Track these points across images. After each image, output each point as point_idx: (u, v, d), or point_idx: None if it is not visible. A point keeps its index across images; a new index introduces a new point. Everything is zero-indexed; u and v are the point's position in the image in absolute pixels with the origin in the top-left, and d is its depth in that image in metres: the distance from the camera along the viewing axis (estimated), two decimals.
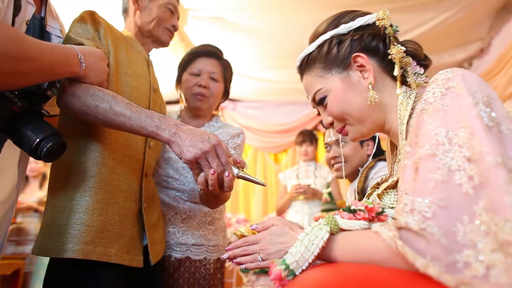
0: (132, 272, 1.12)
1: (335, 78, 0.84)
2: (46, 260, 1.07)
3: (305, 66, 0.90)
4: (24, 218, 3.42)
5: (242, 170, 0.97)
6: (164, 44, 1.37)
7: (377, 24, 0.83)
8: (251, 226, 0.84)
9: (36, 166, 3.65)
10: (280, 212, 3.15)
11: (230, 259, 0.82)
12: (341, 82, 0.83)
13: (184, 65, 1.51)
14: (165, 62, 3.40)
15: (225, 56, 1.57)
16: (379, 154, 1.59)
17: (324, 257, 0.69)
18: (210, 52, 1.50)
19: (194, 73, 1.46)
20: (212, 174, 0.91)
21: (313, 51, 0.87)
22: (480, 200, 0.53)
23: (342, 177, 1.67)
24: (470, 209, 0.53)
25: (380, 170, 1.40)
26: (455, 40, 3.51)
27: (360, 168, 1.58)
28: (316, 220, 0.73)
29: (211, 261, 1.41)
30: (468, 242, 0.51)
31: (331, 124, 0.88)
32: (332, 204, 2.79)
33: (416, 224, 0.55)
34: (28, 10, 0.94)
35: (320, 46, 0.86)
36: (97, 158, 1.05)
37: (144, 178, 1.19)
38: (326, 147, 1.76)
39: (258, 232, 0.81)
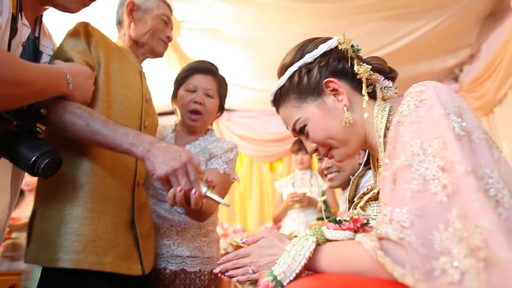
0: (127, 281, 1.12)
1: (311, 106, 0.86)
2: None
3: (279, 99, 0.92)
4: (20, 234, 3.40)
5: (211, 190, 1.00)
6: (159, 55, 1.39)
7: (339, 48, 0.86)
8: (242, 239, 0.86)
9: (31, 180, 3.63)
10: (277, 220, 3.16)
11: (222, 272, 0.83)
12: (318, 109, 0.86)
13: (180, 81, 1.54)
14: (159, 73, 3.43)
15: (219, 67, 1.60)
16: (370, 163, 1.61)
17: (311, 268, 0.70)
18: (206, 69, 1.53)
19: (189, 89, 1.49)
20: (179, 191, 0.95)
21: (284, 84, 0.89)
22: (453, 208, 0.55)
23: (335, 187, 1.69)
24: (445, 217, 0.55)
25: (370, 179, 1.42)
26: (445, 47, 3.56)
27: (351, 176, 1.60)
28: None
29: (206, 273, 1.42)
30: (444, 249, 0.53)
31: (316, 150, 0.90)
32: (328, 212, 2.80)
33: (395, 234, 0.57)
34: (24, 32, 0.97)
35: (291, 78, 0.88)
36: (87, 167, 1.08)
37: (136, 187, 1.21)
38: (318, 158, 1.78)
39: (249, 245, 0.83)
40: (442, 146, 0.60)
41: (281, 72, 0.91)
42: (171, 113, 1.72)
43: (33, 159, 0.90)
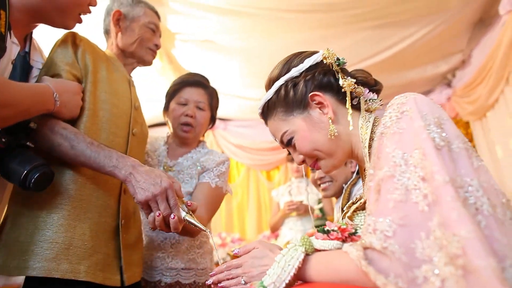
0: None
1: (297, 119, 0.88)
2: None
3: (267, 112, 0.94)
4: None
5: (190, 214, 1.02)
6: (148, 63, 1.40)
7: (324, 62, 0.88)
8: (234, 250, 0.87)
9: None
10: (275, 229, 3.16)
11: (215, 283, 0.84)
12: (304, 122, 0.88)
13: (171, 94, 1.55)
14: (154, 85, 3.45)
15: (214, 77, 1.62)
16: None
17: (301, 277, 0.72)
18: (196, 82, 1.55)
19: (181, 102, 1.50)
20: (158, 216, 0.97)
21: (271, 97, 0.92)
22: (434, 217, 0.57)
23: (329, 197, 1.70)
24: (426, 226, 0.57)
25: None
26: (437, 53, 3.61)
27: (344, 185, 1.62)
28: (310, 237, 0.76)
29: (200, 284, 1.43)
30: (426, 257, 0.55)
31: (303, 162, 0.92)
32: (324, 220, 2.80)
33: (379, 243, 0.58)
34: (13, 50, 0.99)
35: (277, 92, 0.90)
36: (68, 174, 1.08)
37: (122, 195, 1.20)
38: (311, 168, 1.80)
39: (240, 256, 0.84)
40: (422, 157, 0.62)
41: (269, 85, 0.93)
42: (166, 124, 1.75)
43: (24, 173, 0.92)
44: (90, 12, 1.15)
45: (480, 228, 0.56)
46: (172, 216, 0.98)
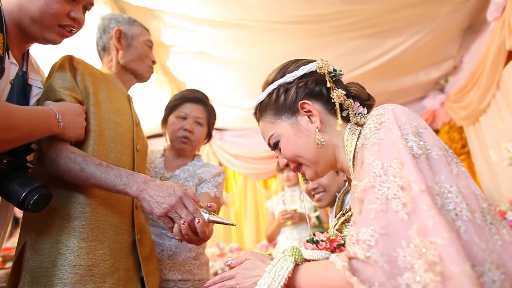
0: None
1: (285, 124, 0.90)
2: None
3: (258, 113, 0.97)
4: None
5: (213, 214, 1.02)
6: (146, 79, 1.46)
7: (318, 71, 0.90)
8: (226, 262, 0.89)
9: None
10: (271, 239, 3.14)
11: None
12: (290, 127, 0.90)
13: (171, 108, 1.61)
14: (150, 96, 3.48)
15: (208, 87, 1.67)
16: None
17: (291, 287, 0.73)
18: (197, 99, 1.61)
19: (180, 116, 1.57)
20: (183, 224, 0.97)
21: (264, 100, 0.94)
22: (413, 225, 0.59)
23: (324, 207, 1.69)
24: (406, 234, 0.59)
25: None
26: (429, 59, 3.65)
27: (337, 193, 1.62)
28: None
29: None
30: (407, 264, 0.56)
31: (287, 165, 0.94)
32: (321, 228, 2.80)
33: (362, 253, 0.60)
34: (12, 70, 1.00)
35: (270, 95, 0.93)
36: (81, 198, 1.09)
37: (134, 210, 1.22)
38: (304, 179, 1.79)
39: (233, 267, 0.86)
40: (400, 166, 0.64)
41: (264, 87, 0.96)
42: (162, 135, 1.78)
43: (23, 195, 0.93)
44: (72, 25, 1.11)
45: (458, 234, 0.58)
46: (196, 220, 0.98)
